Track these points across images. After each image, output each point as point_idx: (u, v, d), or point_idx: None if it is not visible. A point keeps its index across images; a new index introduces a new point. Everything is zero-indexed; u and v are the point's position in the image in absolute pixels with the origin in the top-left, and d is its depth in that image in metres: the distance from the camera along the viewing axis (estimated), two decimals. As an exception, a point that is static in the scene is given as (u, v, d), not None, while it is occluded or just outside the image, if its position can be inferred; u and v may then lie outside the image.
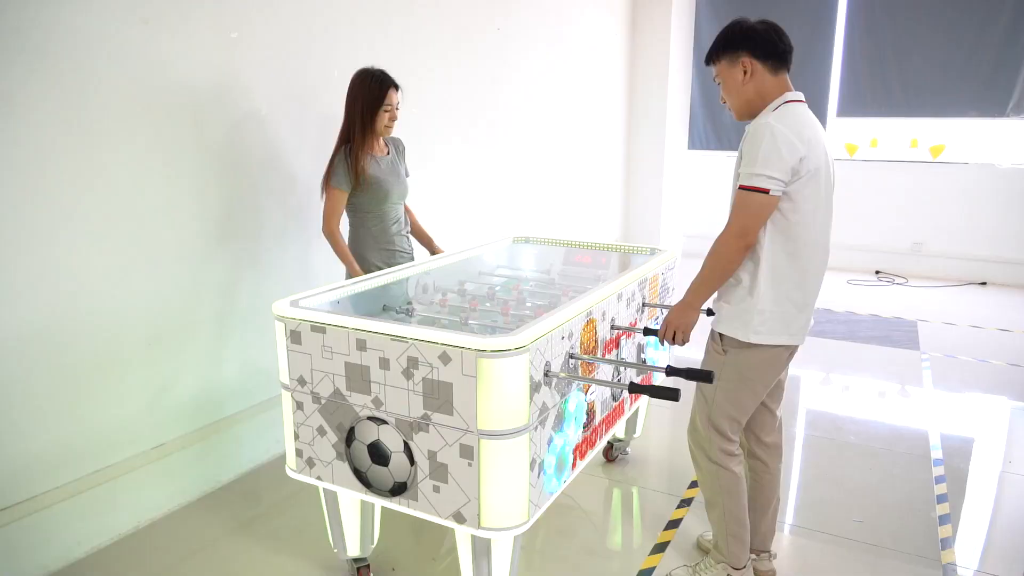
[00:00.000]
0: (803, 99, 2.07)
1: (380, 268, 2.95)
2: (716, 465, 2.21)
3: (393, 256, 3.04)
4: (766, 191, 1.93)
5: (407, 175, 3.13)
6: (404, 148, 3.18)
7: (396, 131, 3.06)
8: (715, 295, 2.18)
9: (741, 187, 1.97)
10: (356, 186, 2.88)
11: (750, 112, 2.10)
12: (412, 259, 3.10)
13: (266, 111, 3.04)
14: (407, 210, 3.19)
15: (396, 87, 2.91)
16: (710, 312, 2.55)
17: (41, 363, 2.35)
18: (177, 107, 2.66)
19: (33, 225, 2.28)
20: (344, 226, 2.98)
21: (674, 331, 2.17)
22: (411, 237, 3.19)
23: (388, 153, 3.04)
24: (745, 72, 2.05)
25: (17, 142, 2.21)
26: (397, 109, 2.94)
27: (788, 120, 1.96)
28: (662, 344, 2.23)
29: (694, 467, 2.32)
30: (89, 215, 2.43)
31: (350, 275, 2.92)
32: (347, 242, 2.98)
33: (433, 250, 3.27)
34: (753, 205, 1.95)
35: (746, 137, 2.00)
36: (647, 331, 2.44)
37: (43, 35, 2.23)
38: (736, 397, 2.16)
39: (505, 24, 4.79)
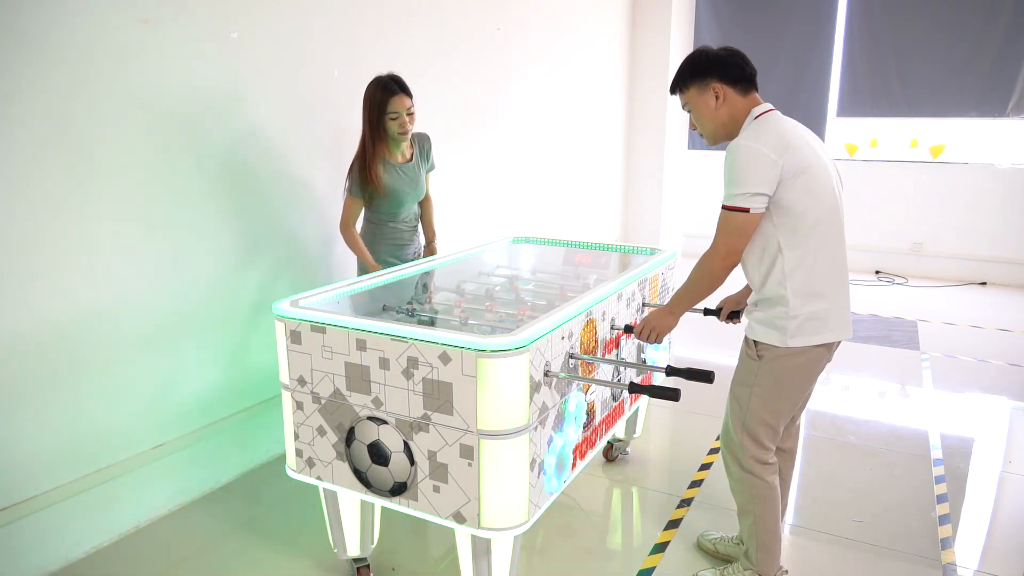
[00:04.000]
0: (772, 108, 2.11)
1: (390, 263, 3.03)
2: (748, 473, 2.21)
3: (403, 251, 3.13)
4: (746, 210, 1.98)
5: (433, 168, 3.17)
6: (430, 145, 3.14)
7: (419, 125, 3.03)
8: (749, 303, 2.21)
9: (723, 207, 2.03)
10: (371, 196, 2.93)
11: (726, 135, 2.15)
12: (421, 254, 3.21)
13: (265, 111, 3.04)
14: (427, 200, 3.23)
15: (404, 93, 2.84)
16: (707, 311, 2.56)
17: (41, 363, 2.35)
18: (176, 107, 2.66)
19: (31, 225, 2.28)
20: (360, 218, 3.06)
21: (650, 332, 2.24)
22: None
23: (411, 158, 3.04)
24: (717, 97, 2.11)
25: (14, 142, 2.21)
26: (409, 115, 2.87)
27: (761, 134, 2.00)
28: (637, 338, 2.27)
29: (726, 474, 2.32)
30: (87, 215, 2.43)
31: (364, 268, 3.00)
32: (361, 235, 3.05)
33: (430, 249, 3.30)
34: (734, 225, 2.01)
35: (725, 159, 2.04)
36: (627, 328, 2.46)
37: (40, 34, 2.23)
38: (772, 403, 2.16)
39: (505, 24, 4.79)
